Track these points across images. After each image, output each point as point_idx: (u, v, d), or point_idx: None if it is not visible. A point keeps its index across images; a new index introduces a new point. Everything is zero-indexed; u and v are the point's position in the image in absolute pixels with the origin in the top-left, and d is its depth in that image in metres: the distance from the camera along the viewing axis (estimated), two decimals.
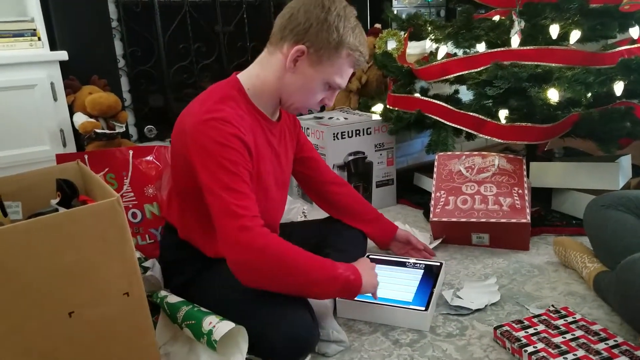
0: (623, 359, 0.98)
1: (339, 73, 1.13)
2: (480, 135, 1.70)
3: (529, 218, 1.50)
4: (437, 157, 1.77)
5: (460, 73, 1.78)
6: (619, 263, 1.09)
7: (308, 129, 1.94)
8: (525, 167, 1.66)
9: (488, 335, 1.14)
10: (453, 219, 1.57)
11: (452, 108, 1.75)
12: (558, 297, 1.29)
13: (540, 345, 1.02)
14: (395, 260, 1.42)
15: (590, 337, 1.04)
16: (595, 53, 1.62)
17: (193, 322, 1.05)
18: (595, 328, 1.07)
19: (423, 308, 1.17)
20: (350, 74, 1.18)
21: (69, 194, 1.08)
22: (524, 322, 1.11)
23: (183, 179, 1.14)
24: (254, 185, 1.08)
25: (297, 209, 1.82)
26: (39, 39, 1.70)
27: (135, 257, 0.93)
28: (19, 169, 1.28)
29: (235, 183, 1.01)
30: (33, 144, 1.70)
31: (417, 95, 1.93)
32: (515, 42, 1.67)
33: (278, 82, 1.13)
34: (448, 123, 1.77)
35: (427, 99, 1.86)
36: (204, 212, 1.06)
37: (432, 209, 1.63)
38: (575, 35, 1.63)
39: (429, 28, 2.00)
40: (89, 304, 0.88)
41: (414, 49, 2.12)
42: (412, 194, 2.11)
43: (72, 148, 1.79)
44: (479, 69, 1.71)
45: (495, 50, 1.69)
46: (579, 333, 1.06)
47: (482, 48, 1.79)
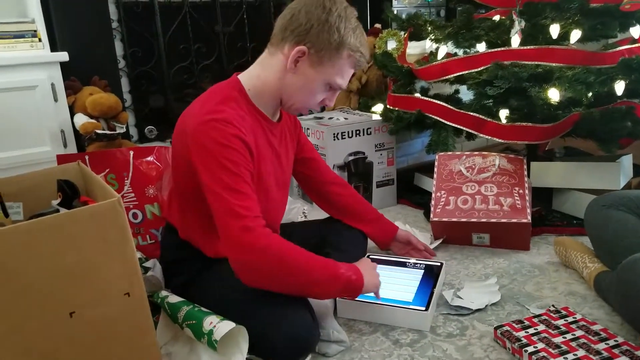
0: (623, 359, 0.98)
1: (340, 74, 1.13)
2: (481, 135, 1.70)
3: (530, 218, 1.50)
4: (437, 157, 1.77)
5: (461, 73, 1.78)
6: (620, 263, 1.09)
7: (308, 129, 1.94)
8: (526, 167, 1.66)
9: (488, 335, 1.14)
10: (453, 219, 1.57)
11: (452, 108, 1.75)
12: (558, 297, 1.29)
13: (541, 345, 1.02)
14: (396, 261, 1.42)
15: (591, 337, 1.04)
16: (596, 53, 1.62)
17: (194, 322, 1.05)
18: (596, 328, 1.07)
19: (423, 308, 1.17)
20: (351, 75, 1.18)
21: (70, 195, 1.08)
22: (525, 322, 1.11)
23: (184, 180, 1.14)
24: (255, 186, 1.08)
25: (297, 209, 1.82)
26: (40, 40, 1.70)
27: (136, 257, 0.93)
28: (20, 170, 1.28)
29: (237, 184, 1.01)
30: (34, 145, 1.70)
31: (417, 95, 1.93)
32: (516, 41, 1.66)
33: (279, 82, 1.13)
34: (448, 123, 1.77)
35: (427, 99, 1.86)
36: (205, 212, 1.06)
37: (432, 209, 1.63)
38: (576, 35, 1.63)
39: (429, 28, 2.00)
40: (90, 304, 0.88)
41: (414, 49, 2.12)
42: (412, 194, 2.11)
43: (72, 149, 1.78)
44: (479, 69, 1.71)
45: (496, 50, 1.69)
46: (580, 333, 1.06)
47: (482, 48, 1.79)
